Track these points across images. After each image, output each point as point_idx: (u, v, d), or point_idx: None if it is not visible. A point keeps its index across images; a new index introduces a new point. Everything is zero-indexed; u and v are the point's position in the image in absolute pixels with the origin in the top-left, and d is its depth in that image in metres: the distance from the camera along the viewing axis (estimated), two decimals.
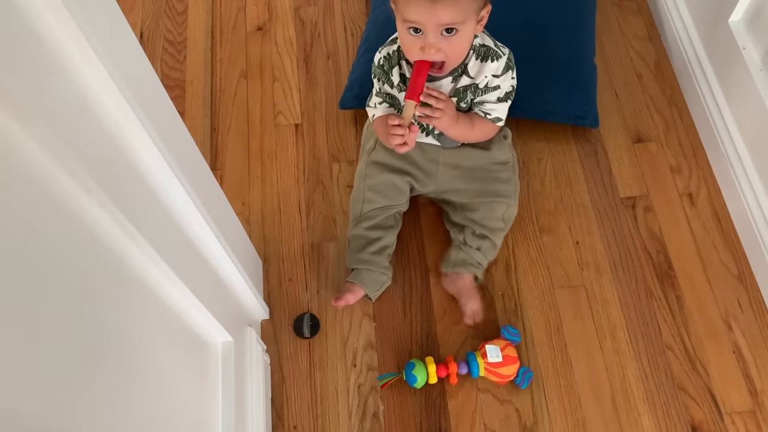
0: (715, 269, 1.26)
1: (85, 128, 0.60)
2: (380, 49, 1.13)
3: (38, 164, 0.52)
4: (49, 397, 0.51)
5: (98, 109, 0.62)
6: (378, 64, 1.13)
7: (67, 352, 0.55)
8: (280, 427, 1.14)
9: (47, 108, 0.53)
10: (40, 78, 0.53)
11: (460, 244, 1.22)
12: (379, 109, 1.17)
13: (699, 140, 1.40)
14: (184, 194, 0.80)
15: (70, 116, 0.57)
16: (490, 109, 1.14)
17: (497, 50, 1.08)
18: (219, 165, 1.41)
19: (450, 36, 0.99)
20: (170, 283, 0.79)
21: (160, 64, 1.54)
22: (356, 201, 1.24)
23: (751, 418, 1.12)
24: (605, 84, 1.46)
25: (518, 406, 1.14)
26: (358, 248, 1.21)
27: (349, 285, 1.20)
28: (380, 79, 1.14)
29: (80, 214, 0.59)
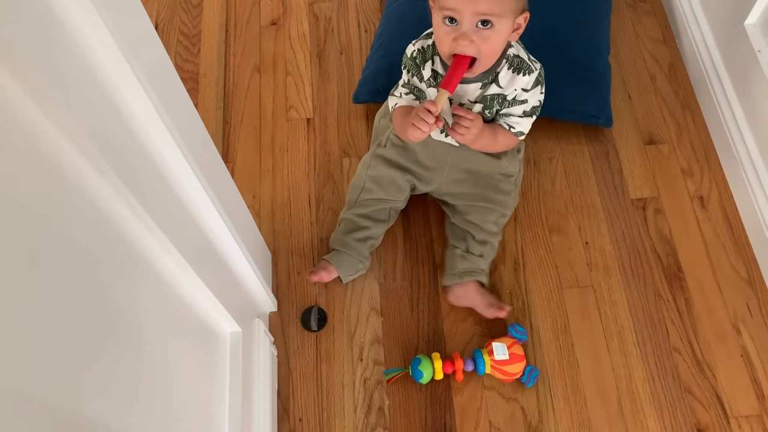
0: (725, 273, 1.25)
1: (101, 112, 0.60)
2: (414, 41, 1.11)
3: (53, 145, 0.53)
4: (56, 381, 0.51)
5: (114, 94, 0.62)
6: (411, 56, 1.10)
7: (75, 334, 0.55)
8: (285, 419, 1.14)
9: (63, 90, 0.53)
10: (58, 61, 0.53)
11: (463, 253, 1.21)
12: (404, 99, 1.15)
13: (711, 143, 1.39)
14: (197, 183, 0.81)
15: (86, 99, 0.57)
16: (514, 122, 1.11)
17: (530, 64, 1.05)
18: (230, 158, 1.42)
19: (485, 29, 0.96)
20: (181, 270, 0.79)
21: (175, 56, 1.55)
22: (355, 187, 1.25)
23: (758, 422, 1.12)
24: (618, 85, 1.46)
25: (524, 405, 1.14)
26: (345, 231, 1.23)
27: (325, 263, 1.21)
28: (410, 71, 1.11)
29: (93, 197, 0.60)
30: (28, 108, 0.49)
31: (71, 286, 0.55)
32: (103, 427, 0.57)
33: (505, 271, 1.27)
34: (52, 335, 0.52)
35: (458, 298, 1.21)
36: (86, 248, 0.59)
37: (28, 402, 0.46)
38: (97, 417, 0.57)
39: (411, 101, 1.15)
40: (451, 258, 1.22)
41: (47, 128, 0.52)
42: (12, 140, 0.48)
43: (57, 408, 0.50)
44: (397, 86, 1.17)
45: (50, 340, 0.51)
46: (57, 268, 0.53)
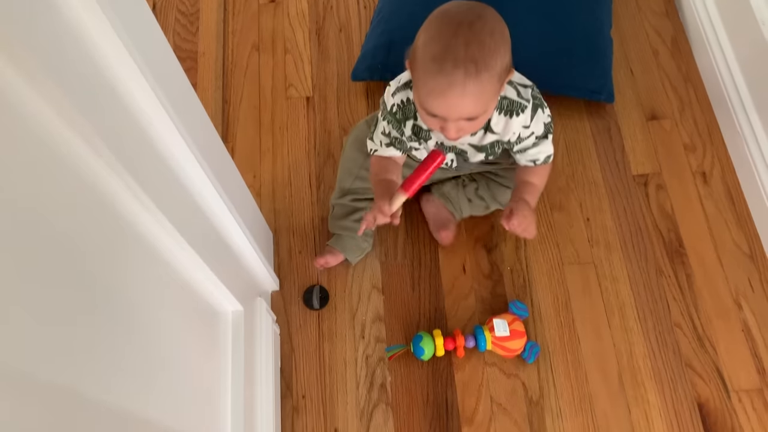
0: (727, 248, 1.25)
1: (98, 94, 0.60)
2: (394, 90, 1.02)
3: (49, 126, 0.53)
4: (58, 360, 0.52)
5: (110, 74, 0.62)
6: (390, 111, 1.03)
7: (76, 314, 0.56)
8: (288, 396, 1.15)
9: (59, 71, 0.53)
10: (53, 43, 0.53)
11: (461, 184, 1.23)
12: (383, 150, 1.09)
13: (714, 118, 1.38)
14: (196, 163, 0.81)
15: (81, 80, 0.57)
16: (534, 155, 1.06)
17: (520, 101, 0.99)
18: (230, 137, 1.41)
19: (473, 120, 0.92)
20: (180, 250, 0.79)
21: (173, 36, 1.54)
22: (348, 173, 1.23)
23: (758, 396, 1.12)
24: (620, 60, 1.44)
25: (525, 380, 1.15)
26: (341, 215, 1.23)
27: (331, 249, 1.22)
28: (391, 124, 1.05)
29: (91, 177, 0.60)
30: (24, 91, 0.49)
31: (72, 267, 0.56)
32: (104, 406, 0.58)
33: (506, 249, 1.27)
34: (52, 315, 0.52)
35: (429, 207, 1.25)
36: (86, 229, 0.59)
37: (30, 381, 0.47)
38: (99, 396, 0.57)
39: (391, 151, 1.09)
40: (451, 180, 1.24)
41: (43, 109, 0.51)
42: (7, 123, 0.48)
43: (57, 387, 0.51)
44: (375, 131, 1.09)
45: (50, 319, 0.51)
46: (57, 250, 0.54)
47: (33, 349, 0.48)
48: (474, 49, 0.85)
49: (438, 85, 0.87)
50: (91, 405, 0.56)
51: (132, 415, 0.63)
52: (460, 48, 0.85)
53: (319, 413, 1.14)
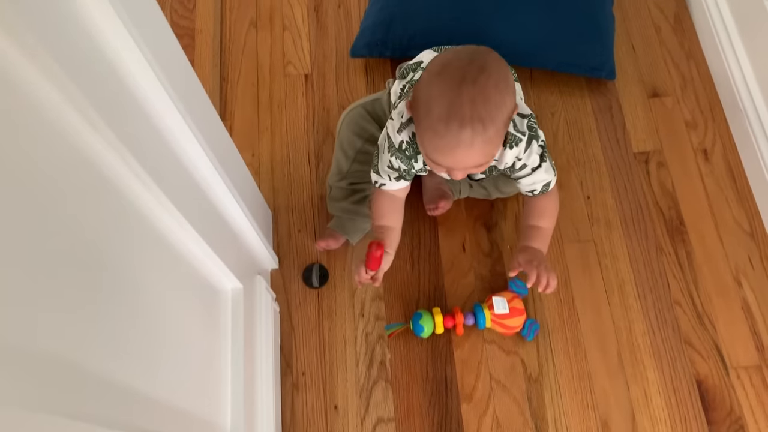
0: (728, 226, 1.24)
1: (94, 67, 0.59)
2: (399, 127, 0.98)
3: (46, 101, 0.52)
4: (55, 333, 0.51)
5: (108, 50, 0.61)
6: (399, 148, 0.99)
7: (78, 290, 0.56)
8: (288, 373, 1.15)
9: (57, 48, 0.52)
10: (50, 16, 0.52)
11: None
12: (392, 183, 1.05)
13: (716, 95, 1.37)
14: (194, 141, 0.80)
15: (79, 57, 0.56)
16: (530, 185, 1.03)
17: (515, 134, 0.95)
18: (228, 115, 1.40)
19: (481, 165, 0.92)
20: (180, 228, 0.79)
21: (170, 12, 1.52)
22: (345, 156, 1.21)
23: (757, 372, 1.13)
24: (622, 37, 1.43)
25: (524, 357, 1.15)
26: (339, 198, 1.22)
27: (332, 232, 1.21)
28: (400, 159, 1.01)
29: (91, 155, 0.59)
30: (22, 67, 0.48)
31: (72, 243, 0.55)
32: (106, 382, 0.58)
33: (506, 227, 1.26)
34: (54, 293, 0.52)
35: (427, 178, 1.25)
36: (86, 207, 0.58)
37: (31, 357, 0.47)
38: (103, 374, 0.57)
39: (402, 184, 1.06)
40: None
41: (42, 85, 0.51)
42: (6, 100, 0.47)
43: (61, 363, 0.51)
44: (379, 163, 1.04)
45: (53, 297, 0.51)
46: (58, 227, 0.53)
47: (39, 327, 0.48)
48: (480, 108, 0.83)
49: (446, 144, 0.86)
50: (95, 383, 0.55)
51: (135, 391, 0.63)
52: (466, 107, 0.83)
53: (319, 390, 1.14)
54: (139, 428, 0.62)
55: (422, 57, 1.09)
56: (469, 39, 1.30)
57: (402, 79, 1.10)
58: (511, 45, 1.31)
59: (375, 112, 1.22)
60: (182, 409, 0.77)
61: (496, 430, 1.10)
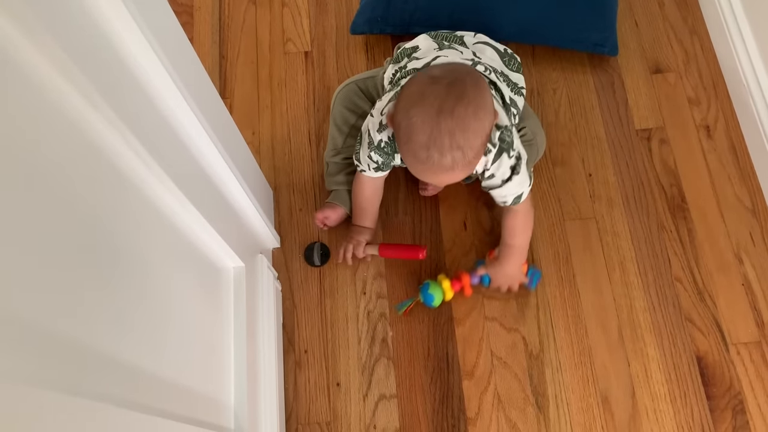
0: (729, 203, 1.24)
1: (94, 47, 0.59)
2: (379, 126, 1.00)
3: (47, 81, 0.52)
4: (62, 313, 0.52)
5: (108, 29, 0.60)
6: (378, 146, 1.02)
7: (81, 270, 0.56)
8: (291, 350, 1.16)
9: (56, 28, 0.52)
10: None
11: None
12: (372, 173, 1.09)
13: (719, 71, 1.36)
14: (194, 119, 0.79)
15: (78, 35, 0.55)
16: (502, 196, 1.04)
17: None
18: (228, 93, 1.39)
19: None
20: (182, 207, 0.79)
21: None
22: (339, 132, 1.22)
23: (757, 348, 1.13)
24: (625, 12, 1.41)
25: (525, 334, 1.16)
26: (335, 172, 1.23)
27: (330, 205, 1.22)
28: (378, 154, 1.04)
29: (91, 134, 0.59)
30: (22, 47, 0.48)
31: (78, 226, 0.55)
32: (113, 361, 0.58)
33: None
34: (58, 271, 0.52)
35: None
36: (90, 188, 0.58)
37: (34, 335, 0.47)
38: (107, 350, 0.57)
39: (381, 174, 1.10)
40: None
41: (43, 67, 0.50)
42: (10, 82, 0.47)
43: (63, 337, 0.51)
44: (361, 153, 1.07)
45: (57, 275, 0.51)
46: (62, 210, 0.53)
47: (46, 306, 0.49)
48: (459, 138, 0.86)
49: (428, 168, 0.90)
50: (102, 361, 0.56)
51: (140, 370, 0.64)
52: (445, 138, 0.86)
53: (322, 368, 1.15)
54: (144, 406, 0.63)
55: (418, 42, 1.09)
56: (469, 15, 1.29)
57: (396, 63, 1.09)
58: (513, 22, 1.30)
59: (368, 90, 1.22)
60: (186, 387, 0.77)
61: (497, 406, 1.11)
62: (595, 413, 1.11)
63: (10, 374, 0.43)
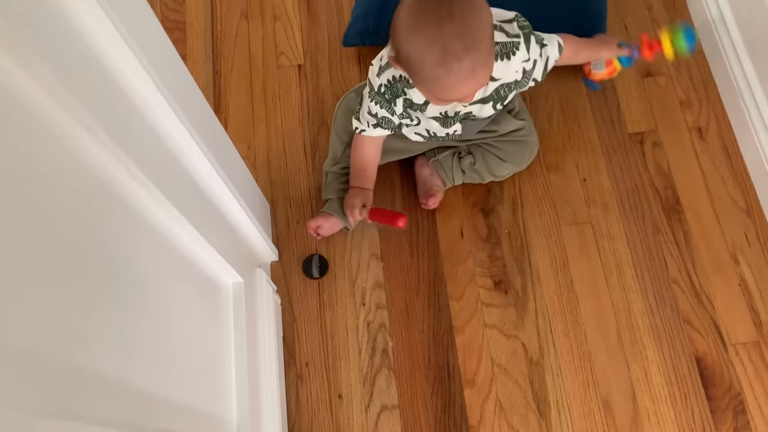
0: (723, 204, 1.25)
1: (87, 71, 0.59)
2: (378, 70, 1.03)
3: (40, 107, 0.52)
4: (64, 334, 0.52)
5: (100, 51, 0.61)
6: (378, 92, 1.04)
7: (79, 290, 0.56)
8: (292, 364, 1.17)
9: (46, 51, 0.52)
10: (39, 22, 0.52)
11: (457, 155, 1.23)
12: (371, 131, 1.11)
13: (710, 73, 1.37)
14: (189, 138, 0.80)
15: (69, 59, 0.56)
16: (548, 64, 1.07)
17: (511, 40, 0.99)
18: (223, 108, 1.40)
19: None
20: (179, 225, 0.79)
21: (160, 6, 1.51)
22: (339, 141, 1.23)
23: (755, 348, 1.14)
24: (614, 17, 1.42)
25: (524, 341, 1.16)
26: (333, 180, 1.24)
27: (325, 215, 1.22)
28: (380, 104, 1.05)
29: (85, 157, 0.60)
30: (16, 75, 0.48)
31: (73, 245, 0.56)
32: (113, 383, 0.58)
33: (503, 211, 1.27)
34: (59, 295, 0.52)
35: (422, 169, 1.25)
36: (86, 210, 0.59)
37: (38, 360, 0.47)
38: (108, 373, 0.58)
39: (381, 132, 1.11)
40: (448, 149, 1.24)
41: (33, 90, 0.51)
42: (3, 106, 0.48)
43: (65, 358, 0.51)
44: (362, 111, 1.10)
45: (57, 299, 0.52)
46: (59, 229, 0.54)
47: (46, 331, 0.49)
48: (467, 37, 0.86)
49: (451, 82, 0.89)
50: (103, 384, 0.56)
51: (141, 390, 0.64)
52: (456, 43, 0.86)
53: (323, 380, 1.15)
54: (146, 426, 0.63)
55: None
56: None
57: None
58: None
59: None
60: (189, 405, 0.78)
61: (499, 414, 1.12)
62: (596, 418, 1.11)
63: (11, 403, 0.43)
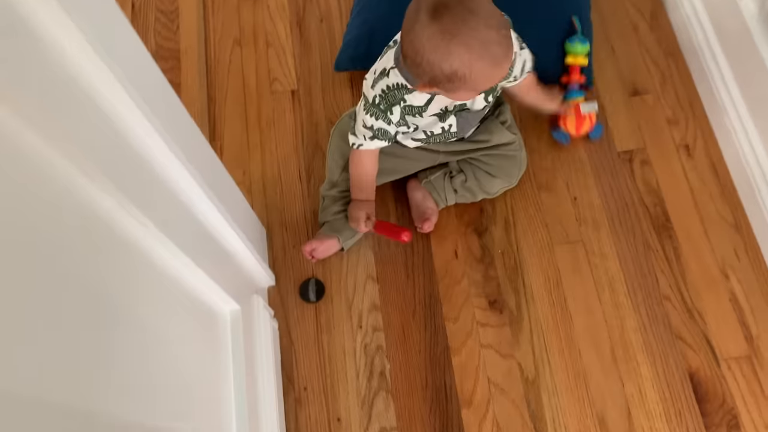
0: (712, 219, 1.27)
1: (80, 114, 0.61)
2: (372, 82, 1.05)
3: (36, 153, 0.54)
4: (67, 375, 0.53)
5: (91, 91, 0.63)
6: (373, 103, 1.05)
7: (79, 329, 0.57)
8: (290, 388, 1.18)
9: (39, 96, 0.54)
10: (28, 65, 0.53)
11: (448, 174, 1.26)
12: (368, 144, 1.12)
13: (695, 91, 1.39)
14: (184, 171, 0.81)
15: (63, 103, 0.58)
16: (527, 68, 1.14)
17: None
18: (218, 135, 1.42)
19: None
20: (175, 258, 0.81)
21: (154, 35, 1.54)
22: (336, 165, 1.25)
23: (747, 363, 1.16)
24: (601, 38, 1.45)
25: (520, 360, 1.18)
26: (330, 204, 1.26)
27: (321, 237, 1.24)
28: (375, 116, 1.07)
29: (82, 197, 0.61)
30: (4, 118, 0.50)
31: (68, 286, 0.57)
32: (113, 420, 0.60)
33: (497, 231, 1.29)
34: (56, 338, 0.53)
35: (415, 193, 1.27)
36: (77, 246, 0.60)
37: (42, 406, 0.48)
38: (108, 412, 0.59)
39: (377, 144, 1.12)
40: (439, 170, 1.27)
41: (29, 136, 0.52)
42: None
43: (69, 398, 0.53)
44: (357, 126, 1.12)
45: (56, 343, 0.53)
46: (56, 275, 0.55)
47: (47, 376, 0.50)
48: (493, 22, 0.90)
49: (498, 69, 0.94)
50: (100, 419, 0.57)
51: (141, 425, 0.65)
52: (490, 33, 0.89)
53: (322, 404, 1.16)
54: None
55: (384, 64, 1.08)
56: None
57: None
58: None
59: None
60: None
61: None
62: None
63: None
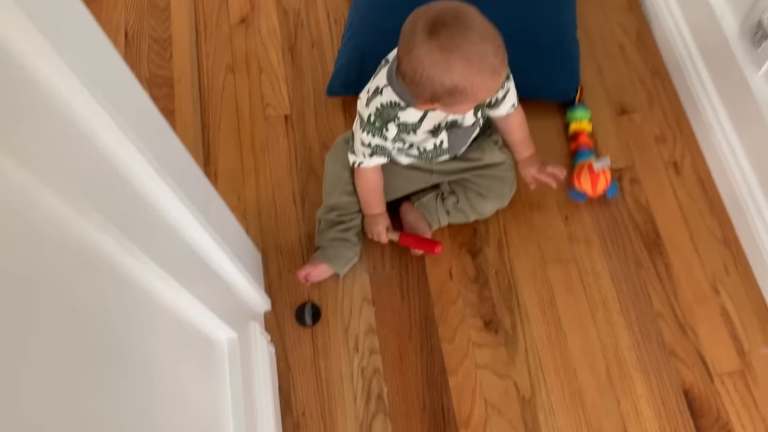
0: (702, 236, 1.29)
1: (74, 154, 0.62)
2: (366, 102, 1.08)
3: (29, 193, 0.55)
4: (69, 410, 0.54)
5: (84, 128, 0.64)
6: (369, 121, 1.08)
7: (80, 367, 0.58)
8: (288, 413, 1.18)
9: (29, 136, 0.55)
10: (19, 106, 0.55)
11: (440, 196, 1.28)
12: (368, 161, 1.16)
13: (682, 108, 1.42)
14: (177, 200, 0.82)
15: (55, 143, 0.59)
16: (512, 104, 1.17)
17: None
18: (212, 161, 1.43)
19: None
20: (170, 289, 0.81)
21: (147, 63, 1.55)
22: (334, 189, 1.27)
23: (740, 377, 1.17)
24: (587, 58, 1.47)
25: (516, 380, 1.19)
26: (326, 228, 1.27)
27: (316, 261, 1.25)
28: (372, 133, 1.10)
29: (73, 234, 0.62)
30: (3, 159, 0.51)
31: (71, 326, 0.58)
32: None
33: (490, 252, 1.30)
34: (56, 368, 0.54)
35: (408, 215, 1.29)
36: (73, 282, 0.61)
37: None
38: None
39: (377, 161, 1.16)
40: (432, 191, 1.29)
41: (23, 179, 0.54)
42: None
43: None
44: (354, 142, 1.15)
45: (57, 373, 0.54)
46: (52, 313, 0.56)
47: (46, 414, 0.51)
48: (489, 33, 0.93)
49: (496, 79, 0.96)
50: None
51: None
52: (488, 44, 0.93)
53: (320, 428, 1.17)
54: None
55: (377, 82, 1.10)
56: None
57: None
58: None
59: None
60: None
61: None
62: None
63: None
